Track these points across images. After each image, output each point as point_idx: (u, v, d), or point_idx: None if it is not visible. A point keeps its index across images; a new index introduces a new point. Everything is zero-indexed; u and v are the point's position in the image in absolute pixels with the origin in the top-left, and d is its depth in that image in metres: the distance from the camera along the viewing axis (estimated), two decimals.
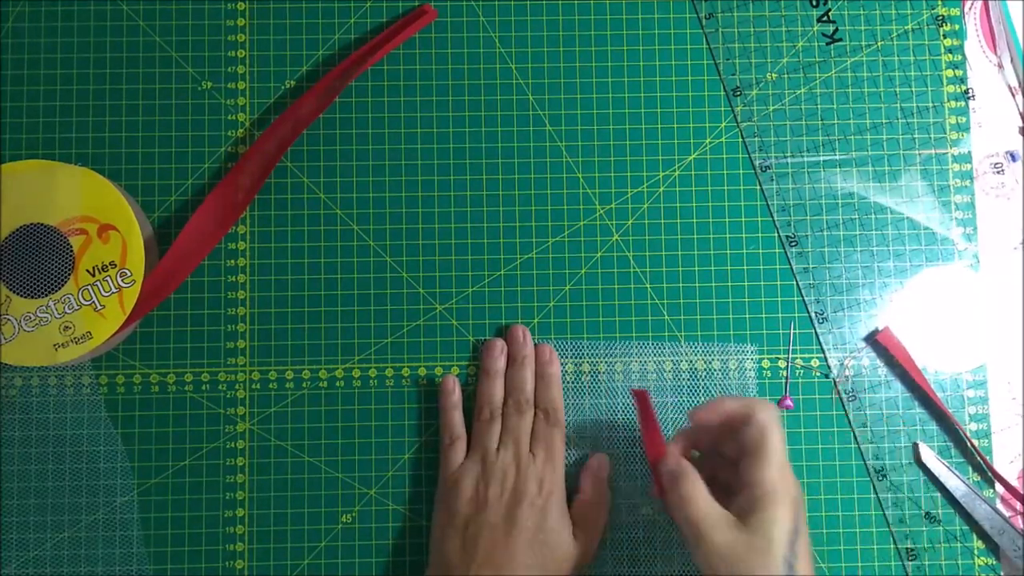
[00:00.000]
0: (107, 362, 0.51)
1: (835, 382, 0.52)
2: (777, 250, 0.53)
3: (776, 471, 0.42)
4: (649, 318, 0.52)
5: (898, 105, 0.53)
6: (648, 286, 0.52)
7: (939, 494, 0.51)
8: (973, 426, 0.52)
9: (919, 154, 0.53)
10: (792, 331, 0.52)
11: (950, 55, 0.54)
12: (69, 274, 0.48)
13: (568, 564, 0.47)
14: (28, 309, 0.48)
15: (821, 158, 0.53)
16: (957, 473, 0.51)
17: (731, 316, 0.52)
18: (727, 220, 0.53)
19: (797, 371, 0.52)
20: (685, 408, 0.52)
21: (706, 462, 0.46)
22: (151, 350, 0.51)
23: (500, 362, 0.51)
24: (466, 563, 0.46)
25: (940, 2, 0.54)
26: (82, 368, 0.51)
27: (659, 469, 0.45)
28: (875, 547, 0.51)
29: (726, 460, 0.45)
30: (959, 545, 0.51)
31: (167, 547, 0.50)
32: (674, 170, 0.53)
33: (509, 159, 0.53)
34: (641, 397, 0.47)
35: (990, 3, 0.54)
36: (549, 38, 0.54)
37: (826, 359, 0.52)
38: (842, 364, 0.52)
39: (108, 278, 0.48)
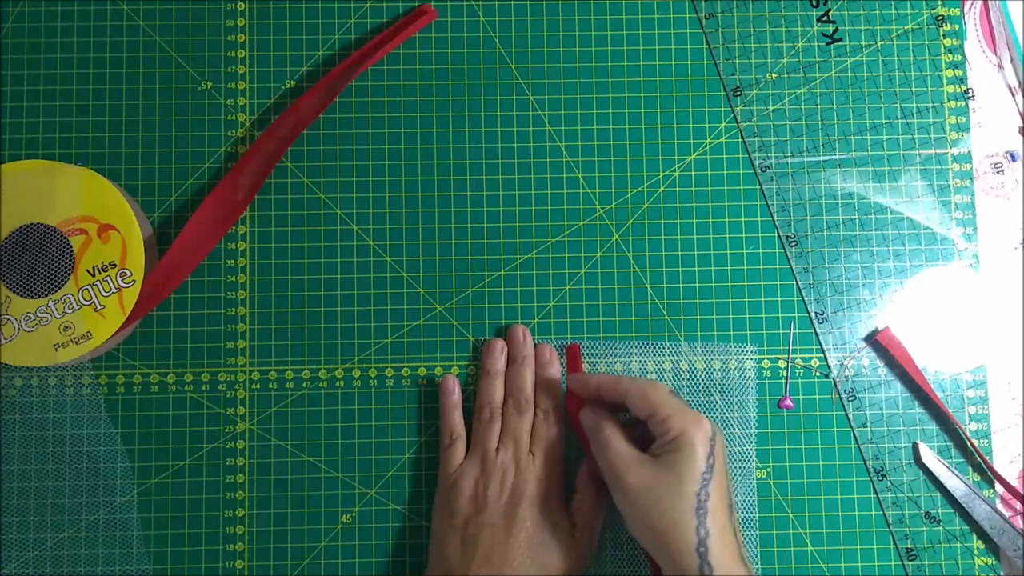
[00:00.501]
0: (107, 362, 0.51)
1: (835, 382, 0.52)
2: (777, 250, 0.53)
3: (676, 422, 0.43)
4: (649, 318, 0.52)
5: (898, 105, 0.53)
6: (648, 286, 0.52)
7: (939, 494, 0.51)
8: (973, 426, 0.52)
9: (919, 154, 0.53)
10: (792, 331, 0.52)
11: (950, 55, 0.54)
12: (69, 274, 0.48)
13: (567, 564, 0.47)
14: (28, 309, 0.48)
15: (821, 158, 0.53)
16: (957, 473, 0.51)
17: (731, 316, 0.52)
18: (727, 220, 0.53)
19: (797, 371, 0.52)
20: None
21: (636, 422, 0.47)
22: (151, 350, 0.51)
23: (500, 362, 0.51)
24: (465, 563, 0.46)
25: (940, 2, 0.54)
26: (82, 368, 0.51)
27: (580, 422, 0.48)
28: (875, 547, 0.51)
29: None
30: (959, 545, 0.51)
31: (167, 547, 0.50)
32: (674, 170, 0.53)
33: (509, 159, 0.53)
34: (572, 354, 0.50)
35: (990, 3, 0.54)
36: (549, 38, 0.54)
37: (826, 359, 0.52)
38: (842, 364, 0.52)
39: (108, 278, 0.48)
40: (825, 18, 0.54)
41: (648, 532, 0.43)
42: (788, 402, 0.52)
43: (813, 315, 0.52)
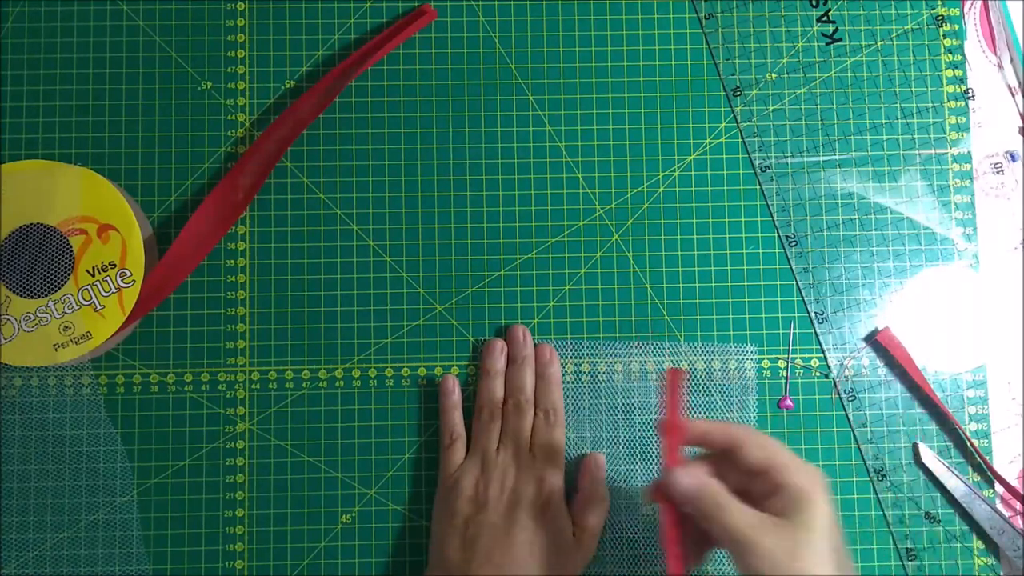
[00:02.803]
0: (107, 362, 0.51)
1: (835, 382, 0.52)
2: (777, 250, 0.53)
3: (797, 477, 0.40)
4: (649, 318, 0.52)
5: (898, 105, 0.53)
6: (648, 286, 0.52)
7: (939, 494, 0.51)
8: (973, 426, 0.52)
9: (919, 154, 0.53)
10: (792, 331, 0.52)
11: (950, 55, 0.54)
12: (69, 274, 0.48)
13: (568, 564, 0.47)
14: (28, 309, 0.48)
15: (821, 158, 0.53)
16: (957, 473, 0.51)
17: (731, 316, 0.52)
18: (727, 220, 0.53)
19: (797, 371, 0.52)
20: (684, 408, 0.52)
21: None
22: (151, 350, 0.51)
23: (500, 362, 0.51)
24: (466, 563, 0.46)
25: (940, 2, 0.54)
26: (82, 368, 0.51)
27: (673, 484, 0.41)
28: (875, 547, 0.51)
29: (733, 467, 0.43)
30: (959, 545, 0.51)
31: (167, 547, 0.50)
32: (674, 170, 0.53)
33: (509, 159, 0.53)
34: (673, 378, 0.43)
35: (990, 3, 0.54)
36: (549, 38, 0.54)
37: (826, 359, 0.52)
38: (842, 364, 0.52)
39: (108, 278, 0.48)
40: (825, 18, 0.54)
41: None
42: (788, 402, 0.52)
43: (813, 315, 0.52)
